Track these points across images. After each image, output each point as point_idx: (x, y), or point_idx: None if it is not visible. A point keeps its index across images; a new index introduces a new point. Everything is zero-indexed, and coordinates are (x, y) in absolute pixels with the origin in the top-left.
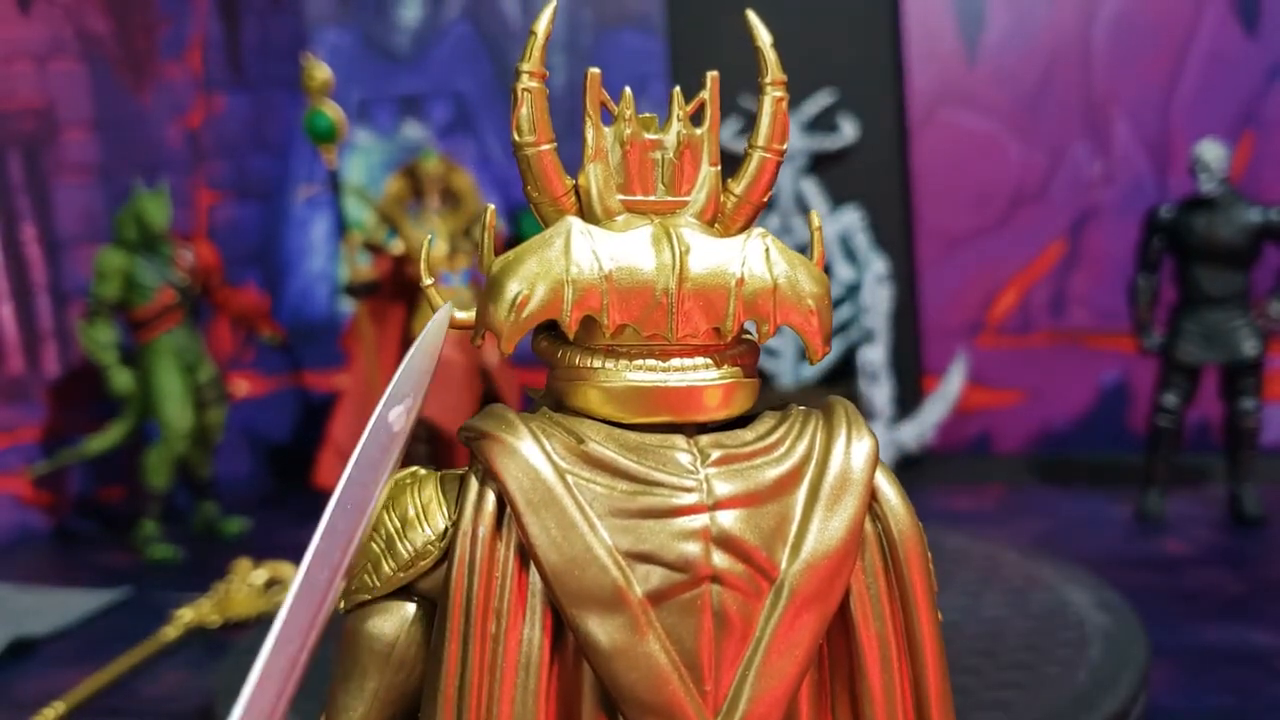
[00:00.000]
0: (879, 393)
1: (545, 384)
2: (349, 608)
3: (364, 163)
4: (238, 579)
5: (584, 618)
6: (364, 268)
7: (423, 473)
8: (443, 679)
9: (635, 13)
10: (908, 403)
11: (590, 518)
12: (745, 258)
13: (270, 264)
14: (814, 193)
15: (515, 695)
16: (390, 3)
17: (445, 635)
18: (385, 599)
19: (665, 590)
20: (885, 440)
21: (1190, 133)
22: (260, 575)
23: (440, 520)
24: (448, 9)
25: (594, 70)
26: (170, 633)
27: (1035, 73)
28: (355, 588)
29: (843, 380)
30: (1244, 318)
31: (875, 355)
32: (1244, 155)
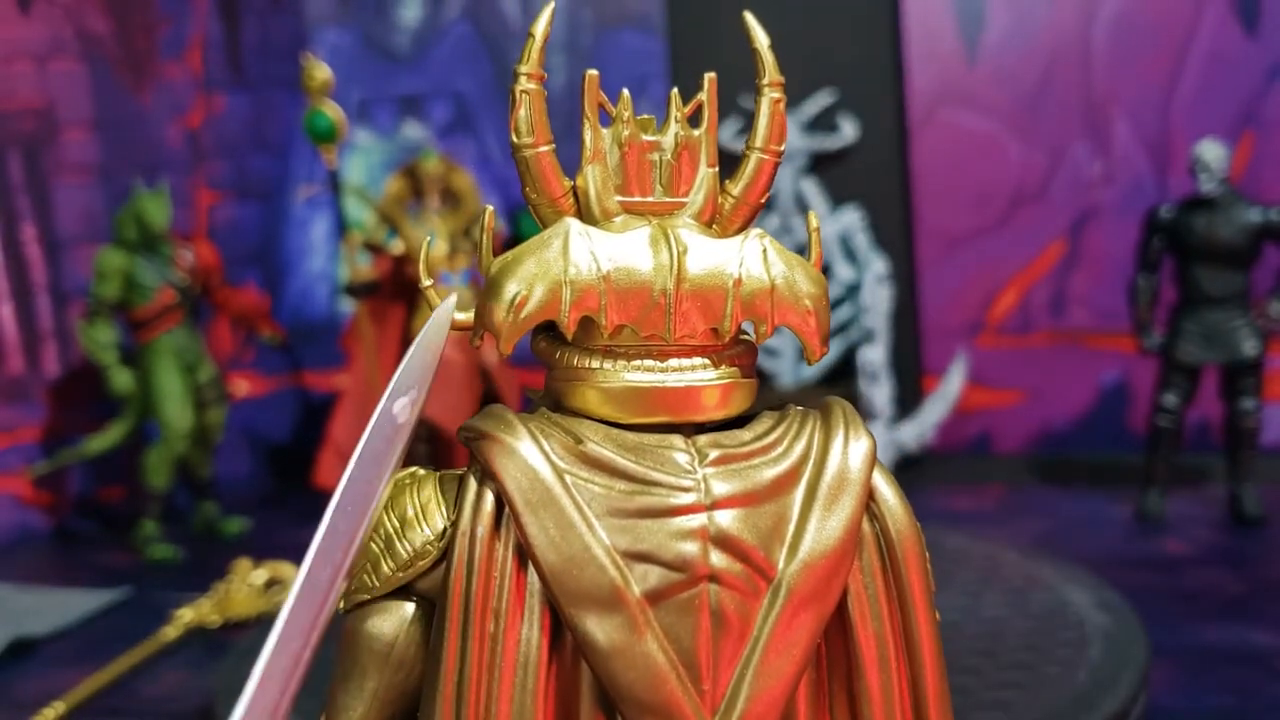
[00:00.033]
0: (879, 393)
1: (544, 384)
2: (348, 607)
3: (364, 163)
4: (238, 579)
5: (582, 617)
6: (364, 268)
7: (422, 473)
8: (441, 678)
9: (635, 13)
10: (908, 403)
11: (588, 517)
12: (743, 258)
13: (270, 264)
14: (814, 193)
15: (514, 694)
16: (390, 3)
17: (444, 635)
18: (384, 599)
19: (663, 590)
20: (885, 440)
21: (1190, 133)
22: (260, 575)
23: (439, 520)
24: (448, 9)
25: (592, 72)
26: (170, 633)
27: (1035, 73)
28: (354, 588)
29: (843, 380)
30: (1244, 318)
31: (875, 355)
32: (1244, 155)
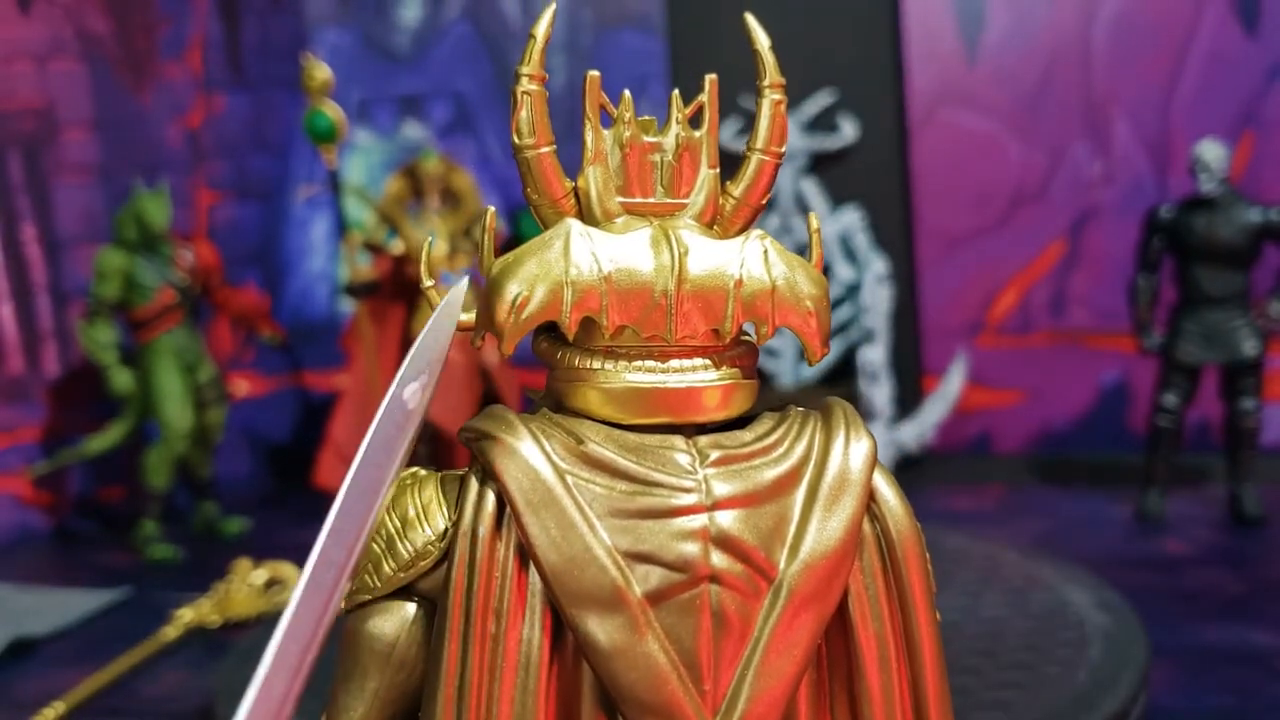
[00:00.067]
0: (879, 393)
1: (545, 385)
2: (350, 608)
3: (364, 163)
4: (238, 579)
5: (583, 618)
6: (364, 268)
7: (423, 473)
8: (442, 679)
9: (635, 13)
10: (908, 403)
11: (590, 518)
12: (744, 259)
13: (270, 264)
14: (814, 193)
15: (515, 695)
16: (390, 3)
17: (445, 635)
18: (385, 599)
19: (664, 590)
20: (885, 440)
21: (1190, 133)
22: (260, 575)
23: (440, 520)
24: (448, 9)
25: (593, 73)
26: (170, 633)
27: (1035, 73)
28: (356, 588)
29: (843, 380)
30: (1244, 318)
31: (875, 355)
32: (1244, 155)
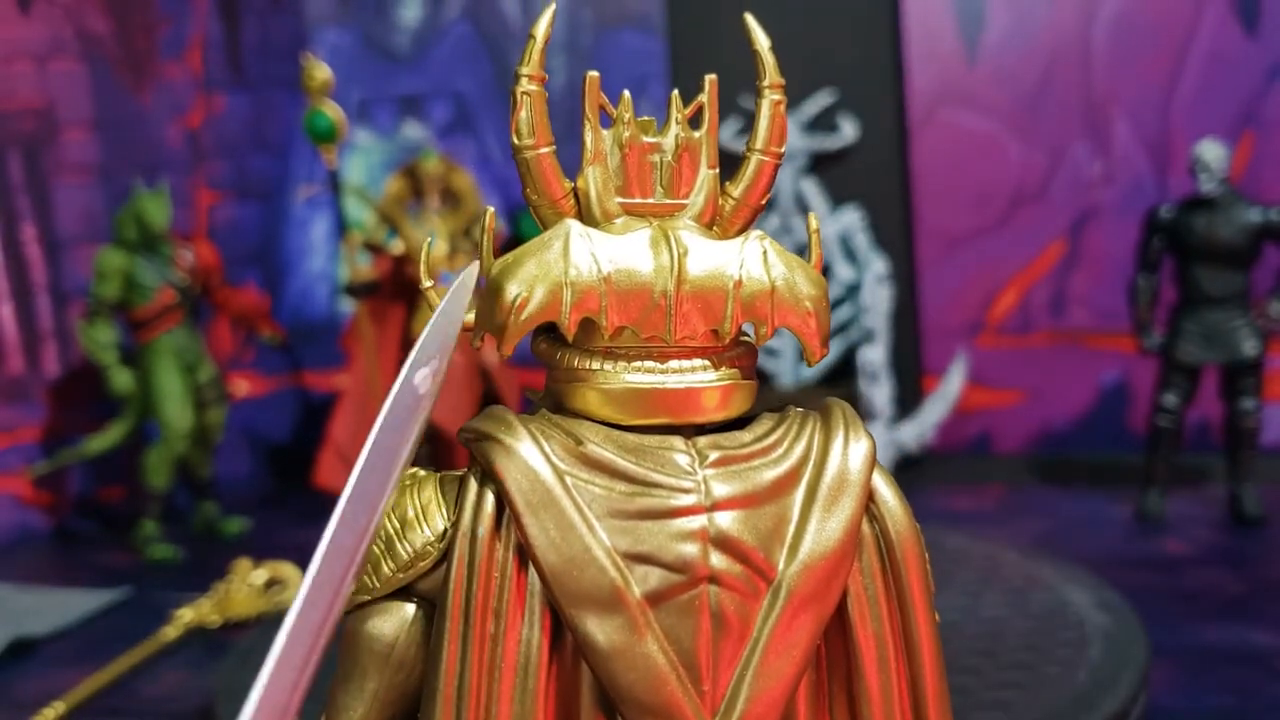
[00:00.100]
0: (879, 393)
1: (544, 386)
2: (349, 608)
3: (364, 163)
4: (238, 579)
5: (582, 618)
6: (364, 268)
7: (422, 474)
8: (441, 679)
9: (635, 13)
10: (908, 403)
11: (589, 519)
12: (743, 260)
13: (270, 264)
14: (814, 193)
15: (514, 695)
16: (390, 3)
17: (444, 636)
18: (385, 600)
19: (663, 591)
20: (885, 440)
21: (1190, 133)
22: (260, 575)
23: (439, 521)
24: (448, 9)
25: (593, 74)
26: (170, 633)
27: (1035, 73)
28: (355, 588)
29: (843, 380)
30: (1244, 318)
31: (875, 355)
32: (1244, 155)
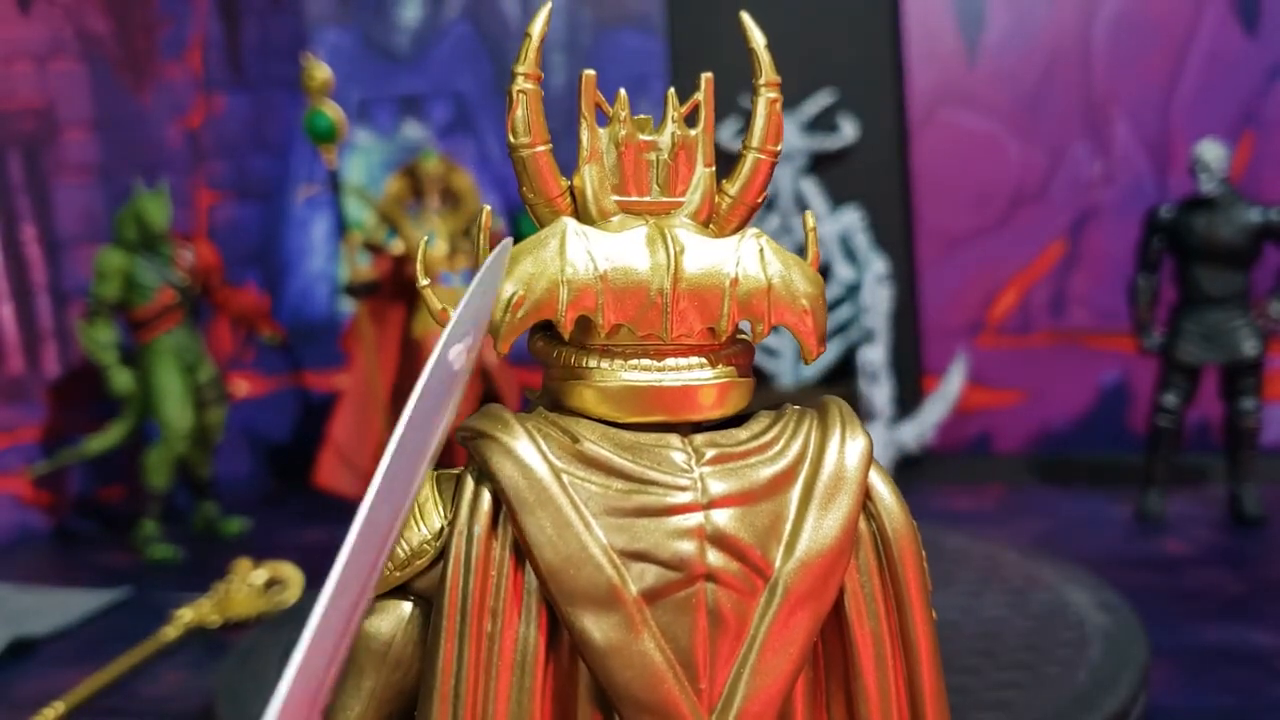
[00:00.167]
0: (879, 393)
1: (541, 384)
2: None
3: (364, 163)
4: (238, 579)
5: (579, 616)
6: (364, 268)
7: None
8: (438, 677)
9: (635, 13)
10: (908, 403)
11: (585, 516)
12: (740, 258)
13: (270, 264)
14: (814, 193)
15: (511, 694)
16: (390, 3)
17: (441, 634)
18: (382, 598)
19: (660, 588)
20: (885, 440)
21: (1190, 133)
22: (260, 575)
23: (436, 519)
24: (448, 9)
25: (589, 72)
26: (170, 633)
27: (1035, 73)
28: None
29: (843, 380)
30: (1244, 318)
31: (875, 355)
32: (1244, 155)
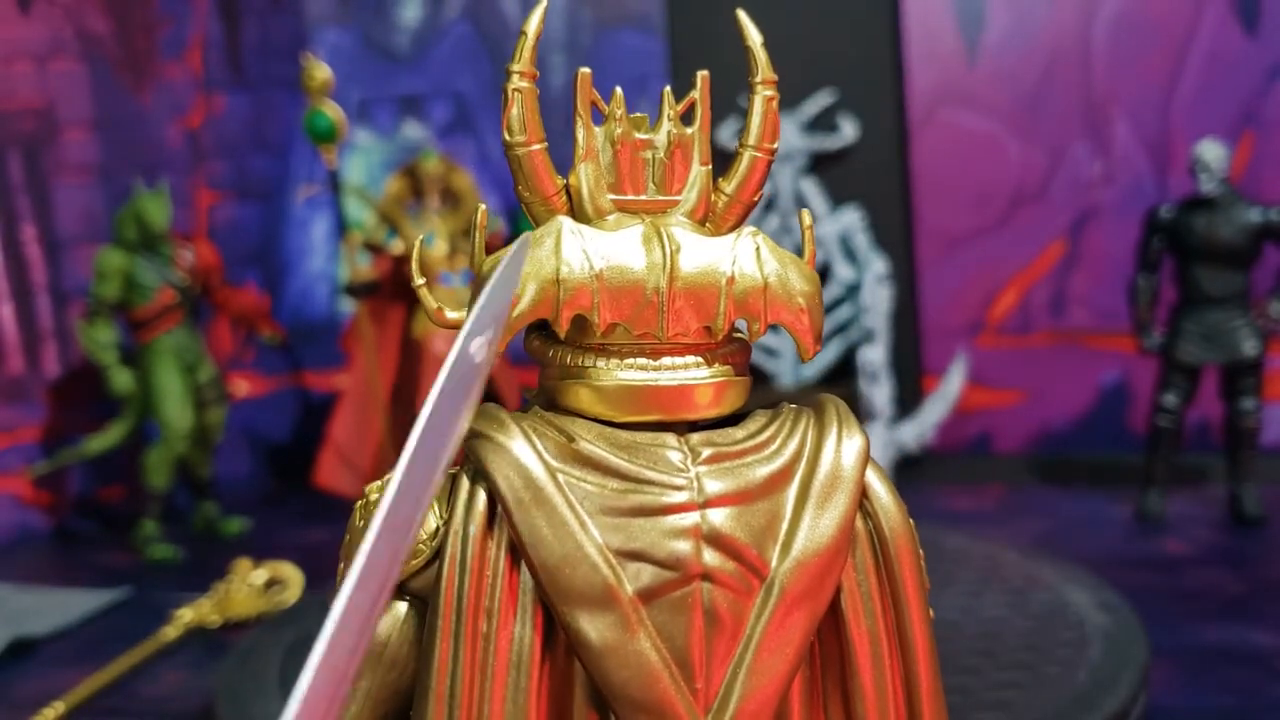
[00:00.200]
0: (879, 393)
1: (537, 383)
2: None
3: (364, 163)
4: (238, 579)
5: (575, 616)
6: (364, 268)
7: None
8: (434, 677)
9: (635, 13)
10: (908, 403)
11: (581, 516)
12: (736, 256)
13: (270, 264)
14: (814, 193)
15: (506, 694)
16: (390, 3)
17: (436, 634)
18: None
19: (656, 588)
20: (885, 440)
21: (1190, 133)
22: (260, 575)
23: (431, 519)
24: (448, 9)
25: (584, 70)
26: (170, 633)
27: (1035, 73)
28: None
29: (843, 380)
30: (1244, 318)
31: (875, 355)
32: (1244, 155)
